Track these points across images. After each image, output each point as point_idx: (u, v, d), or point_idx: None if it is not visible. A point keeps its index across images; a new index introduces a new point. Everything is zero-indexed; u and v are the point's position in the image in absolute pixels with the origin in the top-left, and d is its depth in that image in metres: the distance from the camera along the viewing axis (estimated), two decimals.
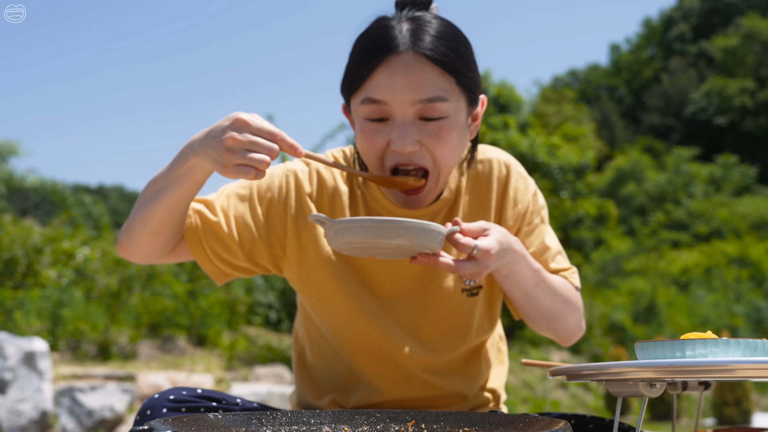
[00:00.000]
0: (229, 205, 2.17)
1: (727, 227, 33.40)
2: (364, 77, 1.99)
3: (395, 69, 1.97)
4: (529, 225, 2.26)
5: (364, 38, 2.05)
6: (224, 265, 2.18)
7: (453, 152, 2.05)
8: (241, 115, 1.80)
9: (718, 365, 1.39)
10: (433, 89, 1.97)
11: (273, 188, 2.20)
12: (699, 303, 21.31)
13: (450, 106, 2.00)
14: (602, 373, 1.53)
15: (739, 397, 12.62)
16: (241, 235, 2.16)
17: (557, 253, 2.29)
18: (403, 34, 1.99)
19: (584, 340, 16.61)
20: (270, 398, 9.10)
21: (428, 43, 1.98)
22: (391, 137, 2.00)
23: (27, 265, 11.34)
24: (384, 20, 2.05)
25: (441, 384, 2.25)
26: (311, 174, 2.23)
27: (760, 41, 53.98)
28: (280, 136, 1.81)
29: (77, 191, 28.47)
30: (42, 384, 7.86)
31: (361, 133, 2.05)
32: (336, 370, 2.28)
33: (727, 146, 49.42)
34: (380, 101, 1.99)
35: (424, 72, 1.97)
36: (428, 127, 2.00)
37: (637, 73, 63.31)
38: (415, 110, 1.99)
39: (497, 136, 18.80)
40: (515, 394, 13.19)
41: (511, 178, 2.26)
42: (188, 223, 2.14)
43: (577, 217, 26.11)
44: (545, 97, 39.72)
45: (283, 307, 13.18)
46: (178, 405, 1.94)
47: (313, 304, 2.24)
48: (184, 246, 2.17)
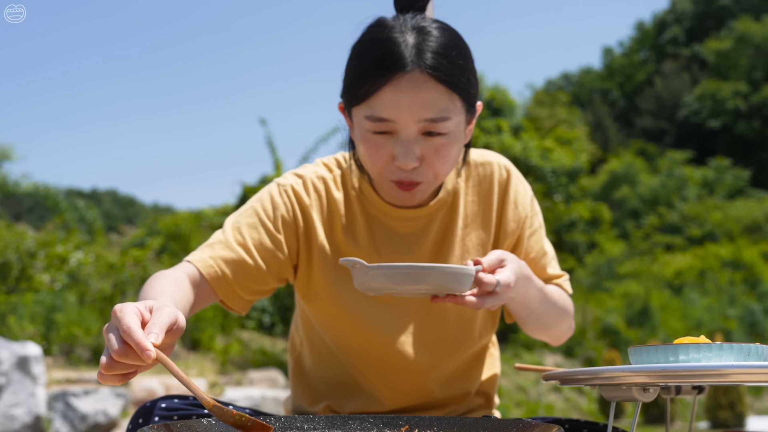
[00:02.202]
0: (246, 237, 2.15)
1: (721, 230, 33.41)
2: (370, 93, 1.99)
3: (402, 89, 1.96)
4: (530, 228, 2.29)
5: (368, 50, 2.03)
6: (252, 295, 2.17)
7: (449, 165, 2.07)
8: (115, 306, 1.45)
9: (712, 370, 1.39)
10: (438, 109, 1.98)
11: (278, 206, 2.20)
12: (692, 306, 21.32)
13: (453, 123, 2.02)
14: (595, 378, 1.53)
15: (733, 401, 12.62)
16: (266, 262, 2.15)
17: (552, 258, 2.34)
18: (409, 50, 1.97)
19: (578, 344, 16.61)
20: (264, 402, 9.09)
21: (435, 62, 1.98)
22: (395, 152, 2.02)
23: (20, 270, 11.34)
24: (386, 29, 2.03)
25: (441, 390, 2.26)
26: (306, 185, 2.24)
27: (752, 44, 54.04)
28: (127, 332, 1.38)
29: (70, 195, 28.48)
30: (35, 388, 7.85)
31: (364, 144, 2.06)
32: (336, 378, 2.28)
33: (720, 149, 49.44)
34: (386, 119, 1.99)
35: (430, 92, 1.97)
36: (430, 144, 2.02)
37: (630, 76, 63.33)
38: (419, 127, 2.00)
39: (490, 140, 18.82)
40: (509, 397, 13.18)
41: (511, 182, 2.29)
42: (212, 273, 2.10)
43: (571, 220, 26.10)
44: (538, 101, 39.80)
45: (277, 311, 13.16)
46: (170, 413, 1.93)
47: (315, 314, 2.25)
48: (208, 294, 2.11)
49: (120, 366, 1.40)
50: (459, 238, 2.24)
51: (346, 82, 2.08)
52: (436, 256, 2.23)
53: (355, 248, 2.20)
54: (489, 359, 2.43)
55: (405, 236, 2.22)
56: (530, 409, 12.71)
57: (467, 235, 2.25)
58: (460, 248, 2.23)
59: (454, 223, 2.24)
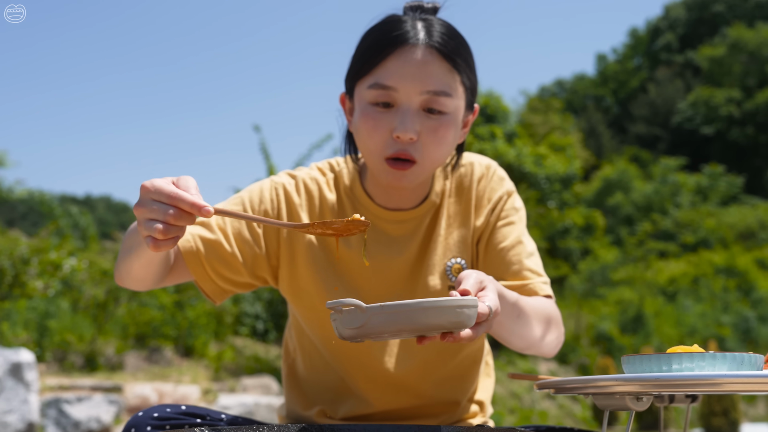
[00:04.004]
0: (226, 223, 2.19)
1: (714, 237, 33.47)
2: (376, 63, 2.07)
3: (408, 59, 2.05)
4: (504, 219, 2.27)
5: (376, 29, 2.12)
6: (225, 282, 2.20)
7: (446, 149, 2.11)
8: (144, 183, 1.60)
9: (705, 379, 1.40)
10: (441, 83, 2.05)
11: (265, 201, 2.23)
12: (686, 313, 21.35)
13: (453, 103, 2.08)
14: (589, 387, 1.53)
15: (727, 408, 12.64)
16: (242, 252, 2.18)
17: (531, 254, 2.26)
18: (417, 29, 2.07)
19: (571, 351, 16.62)
20: (257, 409, 9.09)
21: (441, 39, 2.06)
22: (395, 123, 2.05)
23: (14, 276, 11.31)
24: (397, 17, 2.12)
25: (431, 393, 2.26)
26: (298, 186, 2.27)
27: (746, 51, 54.19)
28: (177, 197, 1.55)
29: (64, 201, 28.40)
30: (28, 395, 7.83)
31: (363, 118, 2.09)
32: (326, 382, 2.29)
33: (713, 156, 49.54)
34: (390, 87, 2.05)
35: (434, 65, 2.05)
36: (429, 121, 2.06)
37: (624, 83, 63.45)
38: (421, 100, 2.05)
39: (484, 146, 18.84)
40: (502, 404, 13.18)
41: (487, 177, 2.31)
42: (188, 247, 2.14)
43: (564, 227, 26.14)
44: (532, 107, 39.85)
45: (270, 318, 13.16)
46: (163, 423, 1.93)
47: (304, 313, 2.26)
48: (181, 269, 2.16)
49: (174, 229, 1.56)
50: (442, 237, 2.26)
51: (353, 60, 2.15)
52: (421, 256, 2.24)
53: (346, 249, 2.22)
54: (485, 368, 2.44)
55: (395, 238, 2.24)
56: (524, 416, 12.70)
57: (450, 234, 2.27)
58: (443, 247, 2.25)
59: (439, 223, 2.26)
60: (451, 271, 2.24)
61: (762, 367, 1.56)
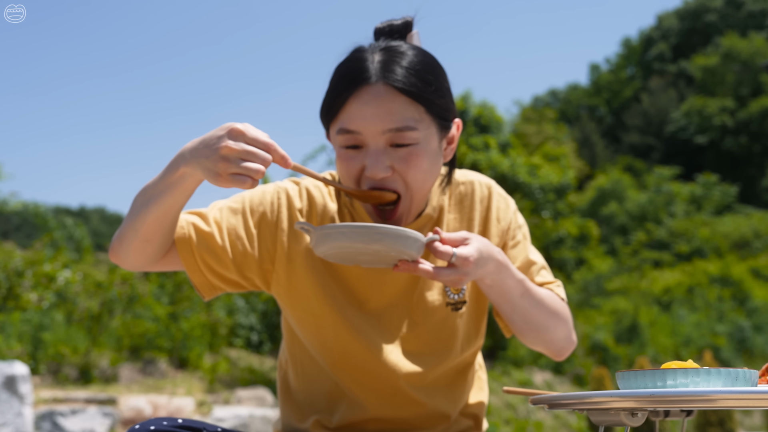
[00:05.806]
0: (222, 218, 2.22)
1: (709, 246, 33.46)
2: (339, 108, 2.08)
3: (366, 100, 2.05)
4: (513, 240, 2.33)
5: (338, 70, 2.13)
6: (214, 277, 2.21)
7: (425, 176, 2.11)
8: (236, 125, 1.84)
9: (700, 395, 1.40)
10: (402, 119, 2.05)
11: (265, 203, 2.26)
12: (681, 322, 21.34)
13: (420, 133, 2.07)
14: (583, 403, 1.53)
15: (723, 418, 12.62)
16: (233, 247, 2.20)
17: (542, 268, 2.36)
18: (374, 65, 2.07)
19: (566, 361, 16.59)
20: (252, 421, 9.07)
21: (397, 74, 2.05)
22: (365, 164, 2.07)
23: (8, 289, 11.30)
24: (358, 52, 2.12)
25: (425, 401, 2.27)
26: (301, 192, 2.30)
27: (739, 60, 54.27)
28: (273, 146, 1.86)
29: (58, 213, 28.35)
30: (23, 408, 7.82)
31: (339, 159, 2.13)
32: (320, 389, 2.30)
33: (707, 165, 49.56)
34: (353, 131, 2.07)
35: (393, 102, 2.05)
36: (399, 153, 2.08)
37: (617, 92, 63.52)
38: (385, 138, 2.06)
39: (478, 157, 18.81)
40: (498, 415, 13.16)
41: (493, 198, 2.34)
42: (181, 233, 2.17)
43: (559, 236, 26.09)
44: (526, 117, 39.83)
45: (265, 329, 13.14)
46: None
47: (299, 317, 2.27)
48: (175, 255, 2.20)
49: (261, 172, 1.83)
50: None
51: (322, 103, 2.17)
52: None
53: None
54: (477, 382, 2.45)
55: None
56: (519, 427, 12.68)
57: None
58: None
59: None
60: (450, 288, 2.26)
61: (756, 383, 1.56)
